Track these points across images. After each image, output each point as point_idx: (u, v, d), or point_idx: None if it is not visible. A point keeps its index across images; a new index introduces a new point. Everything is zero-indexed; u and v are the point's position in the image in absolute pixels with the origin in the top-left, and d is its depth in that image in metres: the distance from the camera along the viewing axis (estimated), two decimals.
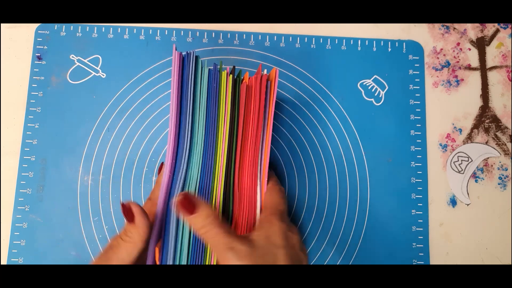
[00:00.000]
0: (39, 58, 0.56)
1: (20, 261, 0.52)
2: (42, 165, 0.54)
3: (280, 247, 0.38)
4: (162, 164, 0.47)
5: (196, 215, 0.38)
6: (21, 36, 0.57)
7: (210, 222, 0.38)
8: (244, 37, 0.58)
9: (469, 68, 0.59)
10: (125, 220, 0.38)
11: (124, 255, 0.37)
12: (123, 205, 0.38)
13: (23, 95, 0.56)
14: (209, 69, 0.44)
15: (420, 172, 0.56)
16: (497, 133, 0.58)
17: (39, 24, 0.57)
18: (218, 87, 0.44)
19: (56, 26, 0.57)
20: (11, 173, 0.54)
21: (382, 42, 0.59)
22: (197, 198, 0.39)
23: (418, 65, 0.58)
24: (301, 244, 0.41)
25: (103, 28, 0.58)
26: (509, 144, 0.57)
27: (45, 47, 0.57)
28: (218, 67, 0.44)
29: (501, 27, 0.60)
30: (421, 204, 0.55)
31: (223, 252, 0.37)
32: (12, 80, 0.56)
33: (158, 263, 0.40)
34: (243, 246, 0.37)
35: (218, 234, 0.37)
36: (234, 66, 0.49)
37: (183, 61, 0.44)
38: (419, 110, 0.57)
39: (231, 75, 0.44)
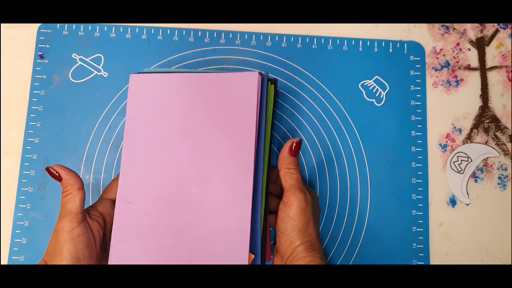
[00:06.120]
0: (41, 56, 0.57)
1: (21, 259, 0.52)
2: (43, 164, 0.54)
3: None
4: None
5: (296, 158, 0.48)
6: (21, 36, 0.57)
7: (298, 167, 0.48)
8: (246, 37, 0.58)
9: (468, 68, 0.59)
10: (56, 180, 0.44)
11: (70, 206, 0.43)
12: (47, 169, 0.44)
13: (24, 94, 0.56)
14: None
15: (421, 173, 0.56)
16: (496, 133, 0.58)
17: (40, 24, 0.57)
18: (266, 99, 0.49)
19: (58, 25, 0.57)
20: (12, 171, 0.54)
21: (383, 42, 0.59)
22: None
23: (419, 66, 0.58)
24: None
25: (105, 27, 0.58)
26: (508, 144, 0.58)
27: (47, 46, 0.57)
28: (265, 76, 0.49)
29: (500, 27, 0.60)
30: (421, 205, 0.56)
31: (296, 190, 0.46)
32: (13, 79, 0.56)
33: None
34: (310, 195, 0.47)
35: (299, 178, 0.47)
36: (276, 79, 0.52)
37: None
38: (420, 110, 0.57)
39: (272, 85, 0.49)
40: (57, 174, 0.43)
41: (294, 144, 0.47)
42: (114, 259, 0.45)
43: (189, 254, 0.45)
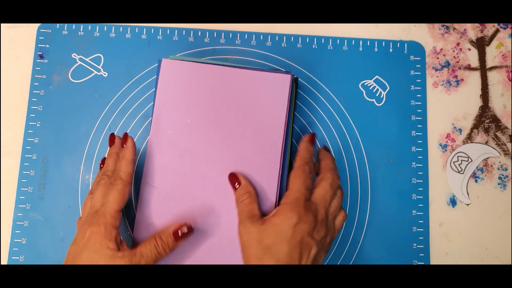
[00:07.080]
0: (41, 56, 0.56)
1: (21, 259, 0.52)
2: (43, 164, 0.54)
3: (284, 240, 0.42)
4: (112, 134, 0.51)
5: (239, 188, 0.46)
6: (21, 36, 0.57)
7: (247, 196, 0.45)
8: (246, 37, 0.58)
9: (469, 68, 0.59)
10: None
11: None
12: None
13: (24, 94, 0.56)
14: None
15: (421, 173, 0.56)
16: (497, 133, 0.58)
17: (40, 24, 0.57)
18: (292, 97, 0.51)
19: (58, 25, 0.57)
20: (12, 171, 0.54)
21: (383, 42, 0.59)
22: (242, 176, 0.47)
23: (419, 65, 0.58)
24: (315, 232, 0.43)
25: (105, 27, 0.58)
26: (509, 144, 0.58)
27: (47, 46, 0.57)
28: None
29: (501, 27, 0.60)
30: (421, 205, 0.55)
31: (244, 220, 0.44)
32: (12, 79, 0.56)
33: None
34: (258, 222, 0.43)
35: (248, 204, 0.45)
36: (297, 78, 0.54)
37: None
38: (420, 110, 0.57)
39: (294, 84, 0.51)
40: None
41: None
42: (137, 239, 0.47)
43: (214, 239, 0.47)
